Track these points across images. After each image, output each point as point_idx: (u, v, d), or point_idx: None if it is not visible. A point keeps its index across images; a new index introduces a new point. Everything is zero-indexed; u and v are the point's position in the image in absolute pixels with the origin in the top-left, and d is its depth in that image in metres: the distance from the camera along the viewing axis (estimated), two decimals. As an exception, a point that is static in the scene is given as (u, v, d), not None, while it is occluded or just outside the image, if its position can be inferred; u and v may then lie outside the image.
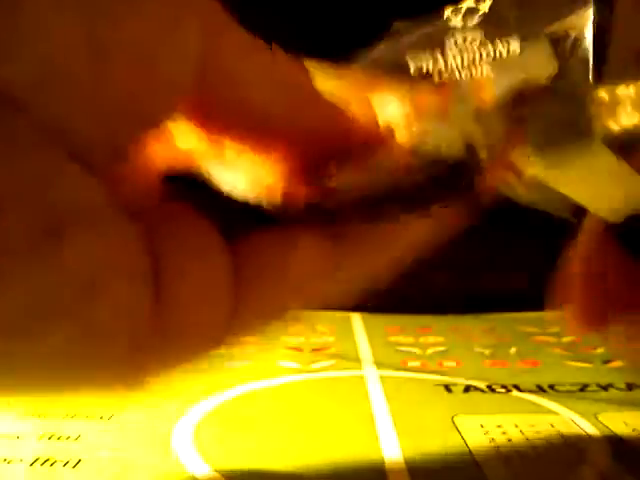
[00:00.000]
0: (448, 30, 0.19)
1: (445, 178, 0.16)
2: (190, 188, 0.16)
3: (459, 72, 0.18)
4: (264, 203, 0.16)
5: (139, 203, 0.14)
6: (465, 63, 0.18)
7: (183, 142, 0.16)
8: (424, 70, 0.19)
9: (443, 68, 0.19)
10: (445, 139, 0.16)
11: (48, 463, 0.21)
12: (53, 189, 0.12)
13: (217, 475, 0.20)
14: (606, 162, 0.17)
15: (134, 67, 0.12)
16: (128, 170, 0.14)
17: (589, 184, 0.18)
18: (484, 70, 0.18)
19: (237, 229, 0.16)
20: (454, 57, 0.18)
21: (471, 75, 0.18)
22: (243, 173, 0.16)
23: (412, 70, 0.19)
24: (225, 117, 0.15)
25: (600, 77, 0.17)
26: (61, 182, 0.12)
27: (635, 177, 0.18)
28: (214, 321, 0.15)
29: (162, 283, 0.14)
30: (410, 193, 0.16)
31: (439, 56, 0.19)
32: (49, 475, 0.20)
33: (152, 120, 0.13)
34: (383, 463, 0.21)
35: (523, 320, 0.43)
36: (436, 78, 0.19)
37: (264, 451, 0.22)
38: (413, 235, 0.17)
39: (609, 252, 0.21)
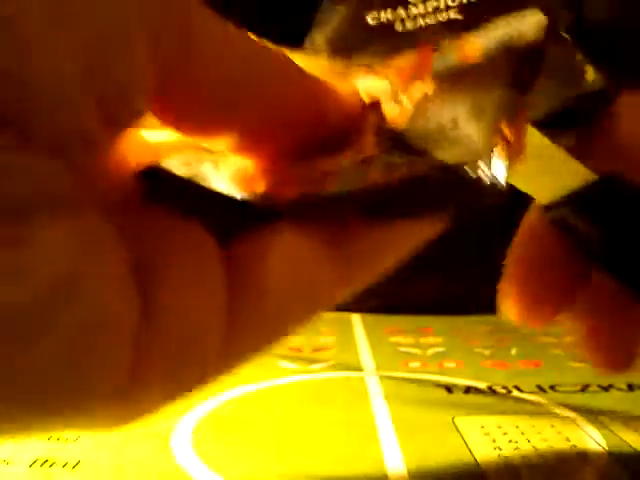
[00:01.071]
0: None
1: (441, 166, 0.14)
2: (171, 189, 0.14)
3: (423, 19, 0.17)
4: (248, 197, 0.14)
5: (116, 201, 0.13)
6: (430, 9, 0.17)
7: (158, 136, 0.14)
8: (384, 21, 0.18)
9: (405, 16, 0.18)
10: (435, 115, 0.15)
11: (47, 464, 0.21)
12: (11, 172, 0.10)
13: (216, 476, 0.20)
14: (539, 145, 0.17)
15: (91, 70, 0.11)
16: (101, 165, 0.12)
17: (524, 167, 0.17)
18: (459, 26, 0.17)
19: (230, 228, 0.14)
20: (416, 4, 0.18)
21: (443, 30, 0.17)
22: (224, 167, 0.15)
23: (371, 22, 0.18)
24: (198, 102, 0.13)
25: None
26: (21, 166, 0.10)
27: (567, 158, 0.18)
28: (209, 341, 0.13)
29: (150, 301, 0.12)
30: (408, 187, 0.14)
31: (399, 6, 0.18)
32: (48, 476, 0.20)
33: (121, 116, 0.12)
34: (383, 464, 0.21)
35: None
36: (398, 27, 0.18)
37: (263, 452, 0.22)
38: (416, 234, 0.16)
39: (546, 238, 0.20)
